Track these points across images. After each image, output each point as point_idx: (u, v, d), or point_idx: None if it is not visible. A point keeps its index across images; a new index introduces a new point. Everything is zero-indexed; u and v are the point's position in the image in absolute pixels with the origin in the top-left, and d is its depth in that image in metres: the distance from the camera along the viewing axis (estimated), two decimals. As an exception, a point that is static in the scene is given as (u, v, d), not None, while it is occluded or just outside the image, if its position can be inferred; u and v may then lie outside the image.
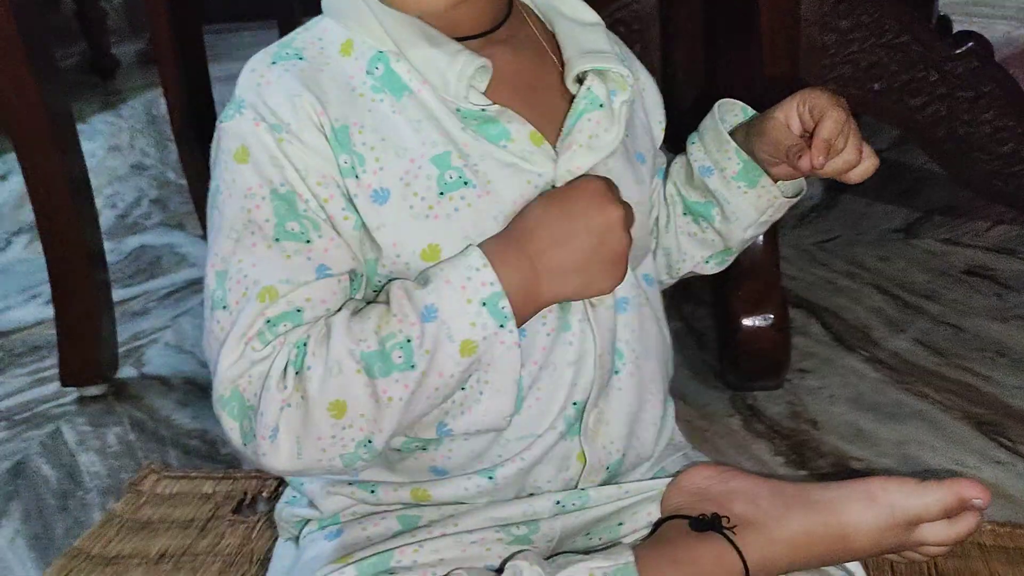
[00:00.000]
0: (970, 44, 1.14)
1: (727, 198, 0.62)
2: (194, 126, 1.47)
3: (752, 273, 0.91)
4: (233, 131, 0.50)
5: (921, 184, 1.35)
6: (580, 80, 0.55)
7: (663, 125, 0.63)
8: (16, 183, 1.80)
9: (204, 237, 1.37)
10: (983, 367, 0.93)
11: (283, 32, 1.93)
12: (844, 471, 0.80)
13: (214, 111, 1.53)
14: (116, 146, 2.03)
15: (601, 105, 0.54)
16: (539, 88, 0.54)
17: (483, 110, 0.51)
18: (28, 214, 1.61)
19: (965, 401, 0.88)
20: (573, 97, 0.54)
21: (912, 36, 1.13)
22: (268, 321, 0.47)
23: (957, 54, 1.14)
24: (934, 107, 1.15)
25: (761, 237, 0.94)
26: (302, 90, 0.50)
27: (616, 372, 0.56)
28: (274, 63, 0.52)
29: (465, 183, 0.51)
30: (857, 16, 1.12)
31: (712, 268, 0.66)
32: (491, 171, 0.51)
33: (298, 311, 0.48)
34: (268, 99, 0.50)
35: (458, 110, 0.51)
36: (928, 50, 1.14)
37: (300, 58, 0.52)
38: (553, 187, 0.53)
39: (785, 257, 1.17)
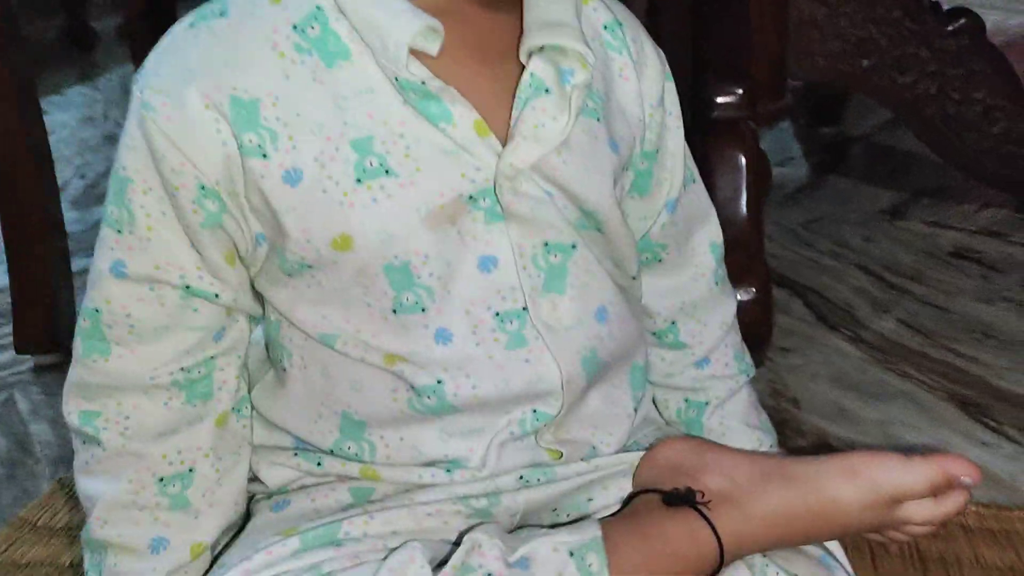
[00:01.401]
0: (962, 21, 1.12)
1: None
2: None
3: (735, 246, 0.87)
4: (131, 92, 0.48)
5: (908, 166, 1.33)
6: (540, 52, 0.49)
7: (658, 108, 0.55)
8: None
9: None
10: (969, 348, 0.90)
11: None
12: (825, 450, 0.78)
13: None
14: (90, 117, 1.99)
15: (548, 90, 0.48)
16: (509, 57, 0.49)
17: (423, 83, 0.46)
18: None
19: (950, 382, 0.85)
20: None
21: (903, 11, 1.11)
22: None
23: (949, 31, 1.11)
24: (924, 84, 1.12)
25: (744, 210, 0.92)
26: (200, 68, 0.46)
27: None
28: (192, 25, 0.47)
29: (387, 172, 0.46)
30: (847, -12, 1.09)
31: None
32: (424, 156, 0.46)
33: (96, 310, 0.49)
34: (162, 69, 0.47)
35: (396, 79, 0.46)
36: (920, 26, 1.11)
37: (223, 14, 0.47)
38: (494, 185, 0.47)
39: (769, 235, 1.14)
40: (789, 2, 1.07)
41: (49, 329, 0.97)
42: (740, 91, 0.95)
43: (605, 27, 0.54)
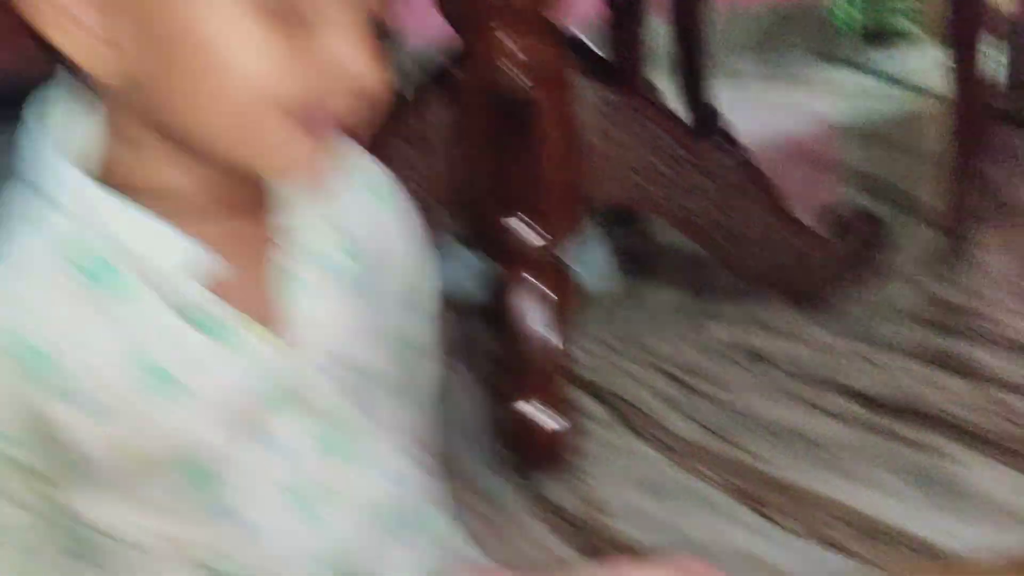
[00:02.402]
0: (725, 143, 1.29)
1: None
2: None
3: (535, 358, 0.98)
4: None
5: (700, 267, 1.46)
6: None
7: (422, 290, 0.62)
8: None
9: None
10: (750, 443, 1.02)
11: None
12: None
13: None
14: None
15: (306, 280, 0.54)
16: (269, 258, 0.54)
17: (198, 307, 0.51)
18: None
19: (733, 476, 0.96)
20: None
21: (678, 142, 1.27)
22: None
23: (717, 153, 1.28)
24: (705, 209, 1.27)
25: (555, 339, 1.03)
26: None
27: None
28: None
29: (175, 382, 0.51)
30: (629, 126, 1.25)
31: None
32: (208, 362, 0.51)
33: None
34: None
35: (176, 302, 0.50)
36: (694, 154, 1.27)
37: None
38: (276, 373, 0.53)
39: (586, 349, 1.25)
40: (578, 138, 1.21)
41: None
42: (540, 226, 1.07)
43: (368, 191, 0.59)
